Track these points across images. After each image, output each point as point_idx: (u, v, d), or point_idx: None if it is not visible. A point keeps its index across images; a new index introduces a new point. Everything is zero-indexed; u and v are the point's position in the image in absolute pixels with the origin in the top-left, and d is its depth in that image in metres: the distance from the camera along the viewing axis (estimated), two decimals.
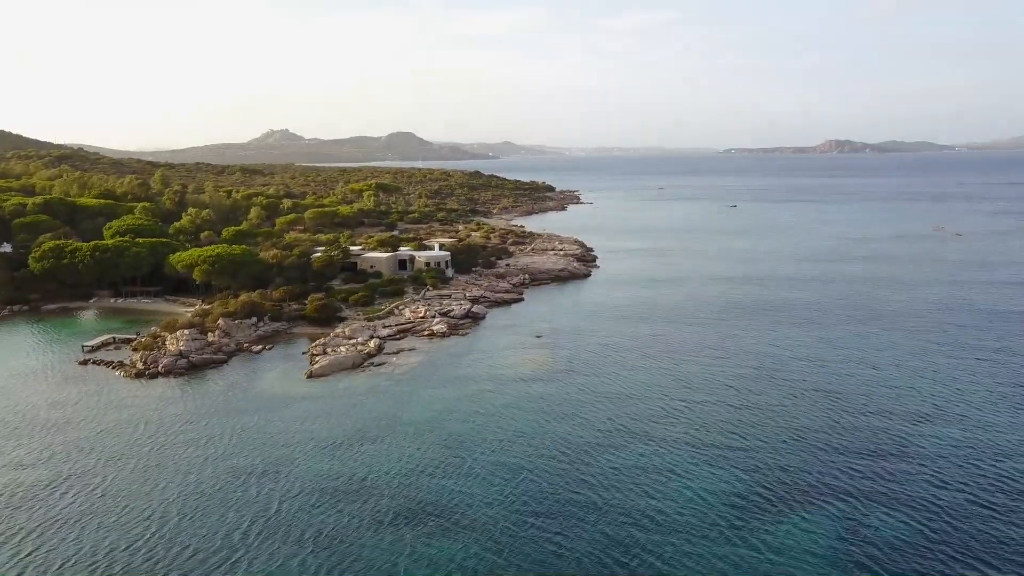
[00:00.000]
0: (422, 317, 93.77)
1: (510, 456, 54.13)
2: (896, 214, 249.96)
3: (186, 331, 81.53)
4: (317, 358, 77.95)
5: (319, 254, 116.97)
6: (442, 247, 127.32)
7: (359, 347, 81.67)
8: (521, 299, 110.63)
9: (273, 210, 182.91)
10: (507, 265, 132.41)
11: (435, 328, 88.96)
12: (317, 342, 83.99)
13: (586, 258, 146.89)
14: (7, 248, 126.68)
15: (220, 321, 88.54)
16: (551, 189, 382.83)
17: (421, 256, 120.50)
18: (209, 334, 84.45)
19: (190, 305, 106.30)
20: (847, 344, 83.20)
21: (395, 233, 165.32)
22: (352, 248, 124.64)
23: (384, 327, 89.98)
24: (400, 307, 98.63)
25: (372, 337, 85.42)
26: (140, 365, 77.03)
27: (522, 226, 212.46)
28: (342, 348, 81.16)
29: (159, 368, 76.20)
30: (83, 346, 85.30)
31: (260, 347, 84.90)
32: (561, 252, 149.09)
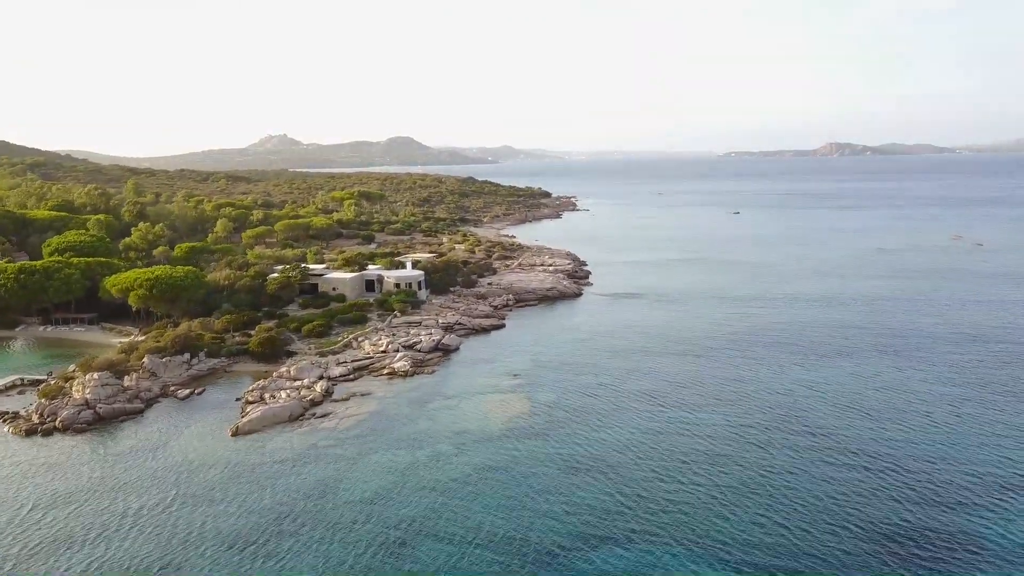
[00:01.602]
0: (383, 351, 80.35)
1: (470, 563, 40.79)
2: (909, 221, 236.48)
3: (95, 374, 68.10)
4: (248, 408, 64.63)
5: (276, 275, 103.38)
6: (416, 265, 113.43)
7: (303, 391, 68.37)
8: (502, 325, 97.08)
9: (243, 222, 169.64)
10: (489, 284, 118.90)
11: (396, 365, 75.55)
12: (255, 385, 70.61)
13: (578, 274, 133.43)
14: None
15: (145, 359, 75.29)
16: (547, 195, 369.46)
17: (391, 276, 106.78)
18: (127, 376, 71.08)
19: (128, 334, 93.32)
20: (887, 384, 69.79)
21: (371, 247, 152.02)
22: (314, 268, 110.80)
23: (338, 364, 76.63)
24: (360, 338, 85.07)
25: (321, 378, 72.12)
26: (35, 418, 63.73)
27: (513, 236, 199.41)
28: (283, 393, 67.83)
29: (56, 422, 62.84)
30: None
31: (189, 391, 71.47)
32: (551, 268, 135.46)
